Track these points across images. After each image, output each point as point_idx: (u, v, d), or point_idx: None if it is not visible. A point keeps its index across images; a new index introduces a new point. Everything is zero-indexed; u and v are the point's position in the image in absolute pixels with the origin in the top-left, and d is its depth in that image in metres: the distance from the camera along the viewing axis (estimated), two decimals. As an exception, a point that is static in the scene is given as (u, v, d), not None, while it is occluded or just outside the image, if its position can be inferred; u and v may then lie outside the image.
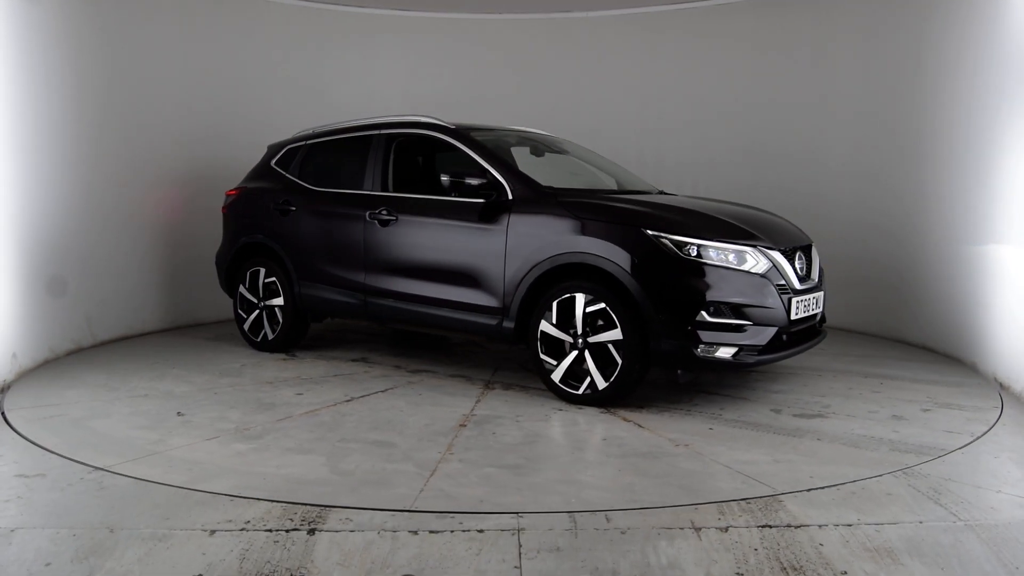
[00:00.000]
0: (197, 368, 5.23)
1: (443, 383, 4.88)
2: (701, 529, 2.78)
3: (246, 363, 5.40)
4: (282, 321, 5.62)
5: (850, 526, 2.81)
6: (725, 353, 4.00)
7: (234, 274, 5.91)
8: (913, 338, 6.10)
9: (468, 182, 4.56)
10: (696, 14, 7.41)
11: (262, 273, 5.70)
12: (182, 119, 6.61)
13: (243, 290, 5.82)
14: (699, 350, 3.98)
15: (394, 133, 5.29)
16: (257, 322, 5.76)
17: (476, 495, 3.08)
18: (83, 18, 5.75)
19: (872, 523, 2.83)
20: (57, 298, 5.45)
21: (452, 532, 2.75)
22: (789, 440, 3.78)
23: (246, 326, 5.82)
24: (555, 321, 4.32)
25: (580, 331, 4.24)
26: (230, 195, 6.04)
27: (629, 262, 4.08)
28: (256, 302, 5.76)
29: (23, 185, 5.09)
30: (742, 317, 4.02)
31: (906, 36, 6.12)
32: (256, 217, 5.76)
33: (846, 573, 2.47)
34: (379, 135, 5.33)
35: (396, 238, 4.99)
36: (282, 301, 5.60)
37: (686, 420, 4.11)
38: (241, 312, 5.86)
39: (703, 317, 3.96)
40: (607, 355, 4.19)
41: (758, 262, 4.12)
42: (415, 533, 2.74)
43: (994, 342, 5.00)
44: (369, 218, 5.09)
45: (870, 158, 6.50)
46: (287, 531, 2.74)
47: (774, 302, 4.10)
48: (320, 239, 5.41)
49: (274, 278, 5.63)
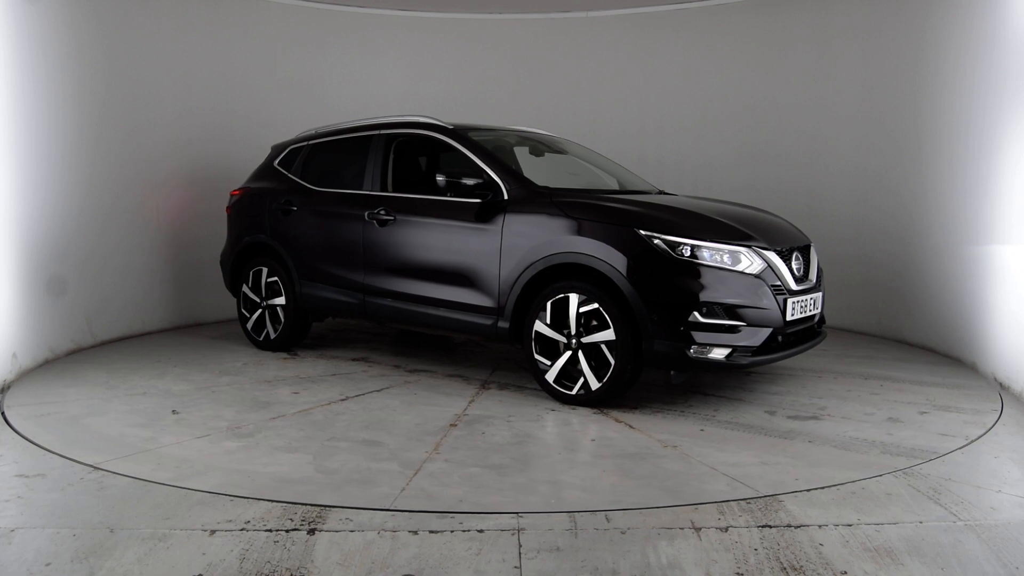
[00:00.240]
0: (198, 367, 5.24)
1: (440, 383, 4.88)
2: (701, 529, 2.78)
3: (247, 362, 5.41)
4: (284, 320, 5.64)
5: (850, 526, 2.81)
6: (719, 354, 3.98)
7: (238, 273, 5.93)
8: (913, 338, 6.09)
9: (464, 182, 4.56)
10: (696, 14, 7.41)
11: (264, 273, 5.72)
12: (182, 119, 6.61)
13: (246, 289, 5.85)
14: (692, 351, 3.96)
15: (393, 133, 5.29)
16: (260, 321, 5.79)
17: (457, 495, 3.07)
18: (82, 18, 5.74)
19: (872, 523, 2.83)
20: (57, 298, 5.45)
21: (452, 532, 2.75)
22: (780, 442, 3.76)
23: (249, 325, 5.85)
24: (549, 321, 4.31)
25: (574, 331, 4.24)
26: (234, 195, 6.06)
27: (622, 262, 4.07)
28: (259, 301, 5.78)
29: (23, 185, 5.09)
30: (736, 318, 3.99)
31: (906, 36, 6.12)
32: (259, 217, 5.78)
33: (846, 573, 2.47)
34: (379, 135, 5.33)
35: (394, 238, 4.99)
36: (284, 300, 5.62)
37: (678, 421, 4.09)
38: (244, 311, 5.89)
39: (696, 318, 3.94)
40: (600, 356, 4.18)
41: (752, 262, 4.09)
42: (415, 533, 2.74)
43: (994, 342, 4.99)
44: (368, 218, 5.10)
45: (870, 158, 6.49)
46: (287, 531, 2.74)
47: (769, 303, 4.07)
48: (320, 239, 5.42)
49: (276, 278, 5.65)
